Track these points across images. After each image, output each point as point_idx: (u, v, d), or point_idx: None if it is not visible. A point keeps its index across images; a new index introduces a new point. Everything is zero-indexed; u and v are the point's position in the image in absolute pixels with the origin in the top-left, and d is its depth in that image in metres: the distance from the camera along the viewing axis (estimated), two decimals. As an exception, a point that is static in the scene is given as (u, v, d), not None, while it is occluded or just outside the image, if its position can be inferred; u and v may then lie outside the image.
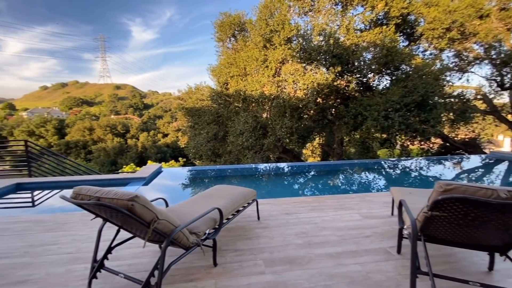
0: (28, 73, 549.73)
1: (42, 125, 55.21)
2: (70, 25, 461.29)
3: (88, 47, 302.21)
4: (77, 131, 51.51)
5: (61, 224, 3.07)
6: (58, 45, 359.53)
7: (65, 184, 5.43)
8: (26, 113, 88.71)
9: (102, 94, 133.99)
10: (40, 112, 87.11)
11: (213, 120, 11.32)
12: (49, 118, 60.40)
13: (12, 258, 2.35)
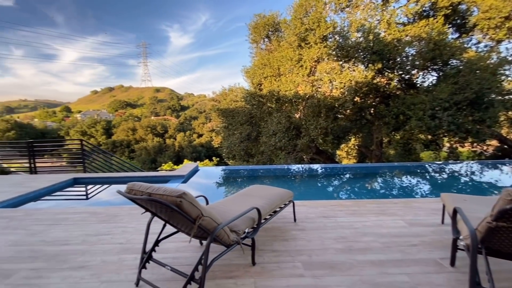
0: (81, 79, 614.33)
1: (93, 126, 61.17)
2: (116, 34, 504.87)
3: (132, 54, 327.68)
4: (122, 131, 56.09)
5: (112, 216, 3.36)
6: (107, 53, 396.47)
7: (114, 180, 5.94)
8: (80, 115, 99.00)
9: (144, 97, 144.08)
10: (91, 114, 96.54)
11: (246, 121, 11.48)
12: (99, 119, 66.69)
13: (72, 245, 2.63)
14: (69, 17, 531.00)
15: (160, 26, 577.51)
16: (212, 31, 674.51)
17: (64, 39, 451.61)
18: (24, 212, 3.64)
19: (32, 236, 2.81)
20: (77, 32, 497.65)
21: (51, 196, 5.08)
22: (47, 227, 3.05)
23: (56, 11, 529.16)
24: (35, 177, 6.05)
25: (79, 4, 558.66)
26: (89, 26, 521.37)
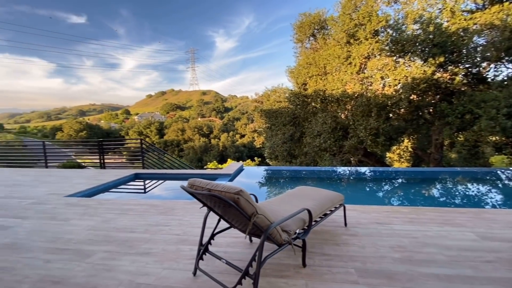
0: (138, 85, 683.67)
1: (148, 127, 67.38)
2: (169, 42, 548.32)
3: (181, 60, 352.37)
4: (172, 132, 60.65)
5: (170, 209, 3.65)
6: (160, 60, 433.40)
7: (169, 176, 6.45)
8: (137, 117, 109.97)
9: (192, 100, 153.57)
10: (146, 116, 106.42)
11: (289, 121, 11.40)
12: (153, 121, 73.19)
13: (136, 233, 2.93)
14: (129, 30, 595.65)
15: (207, 32, 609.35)
16: (255, 33, 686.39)
17: (125, 49, 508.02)
18: (97, 201, 4.19)
19: (105, 223, 3.22)
20: (136, 42, 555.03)
21: (117, 188, 5.75)
22: (116, 216, 3.46)
23: (119, 24, 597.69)
24: (104, 172, 6.91)
25: (138, 17, 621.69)
26: (146, 36, 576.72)
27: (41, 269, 2.21)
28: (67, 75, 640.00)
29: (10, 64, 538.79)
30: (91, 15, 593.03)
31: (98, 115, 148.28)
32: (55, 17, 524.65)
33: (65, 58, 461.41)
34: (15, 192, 4.81)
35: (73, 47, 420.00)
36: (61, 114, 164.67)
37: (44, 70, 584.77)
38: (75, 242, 2.69)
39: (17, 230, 3.05)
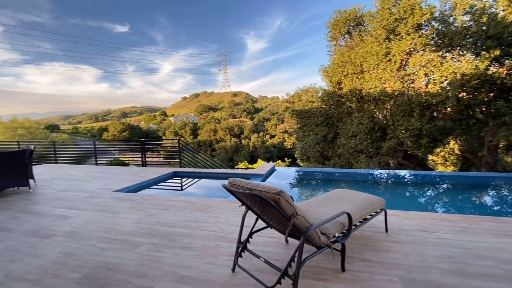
0: (174, 88, 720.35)
1: (183, 128, 70.68)
2: (202, 46, 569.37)
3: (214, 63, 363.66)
4: (205, 132, 62.85)
5: (207, 207, 3.81)
6: (194, 64, 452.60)
7: (205, 175, 6.71)
8: (173, 118, 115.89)
9: (223, 101, 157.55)
10: (181, 117, 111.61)
11: (322, 122, 11.13)
12: (187, 122, 76.58)
13: (178, 228, 3.11)
14: (166, 36, 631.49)
15: (239, 35, 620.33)
16: (286, 33, 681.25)
17: (162, 55, 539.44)
18: (141, 197, 4.52)
19: (150, 217, 3.46)
20: (172, 47, 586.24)
21: (158, 185, 6.13)
22: (159, 211, 3.70)
23: (157, 31, 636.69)
24: (146, 169, 7.42)
25: (174, 23, 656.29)
26: (182, 41, 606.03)
27: (97, 256, 2.46)
28: (112, 80, 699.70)
29: (65, 71, 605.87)
30: (133, 23, 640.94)
31: (138, 117, 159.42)
32: (103, 28, 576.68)
33: (110, 65, 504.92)
34: (73, 186, 5.39)
35: (117, 54, 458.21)
36: (107, 116, 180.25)
37: (92, 76, 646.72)
38: (125, 234, 2.94)
39: (76, 220, 3.42)
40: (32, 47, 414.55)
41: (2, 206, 4.13)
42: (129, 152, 22.76)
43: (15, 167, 4.76)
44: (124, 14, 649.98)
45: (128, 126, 74.34)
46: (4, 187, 4.67)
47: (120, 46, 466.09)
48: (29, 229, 3.16)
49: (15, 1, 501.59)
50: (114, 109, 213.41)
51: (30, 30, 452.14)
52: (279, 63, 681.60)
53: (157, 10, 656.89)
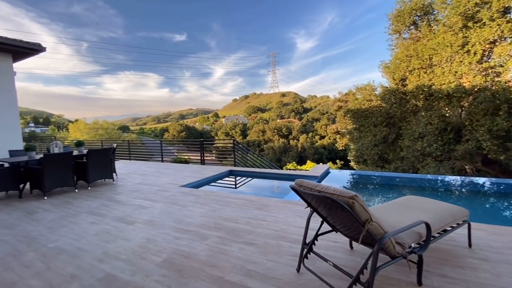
0: (225, 90, 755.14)
1: (233, 128, 73.56)
2: (252, 49, 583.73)
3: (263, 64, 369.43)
4: (254, 133, 64.24)
5: (265, 206, 3.91)
6: (244, 67, 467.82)
7: (259, 174, 6.88)
8: (224, 120, 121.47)
9: (272, 102, 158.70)
10: (232, 118, 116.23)
11: (382, 122, 10.31)
12: (237, 123, 79.42)
13: (240, 224, 3.26)
14: (219, 41, 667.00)
15: (288, 35, 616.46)
16: (337, 29, 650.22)
17: (215, 60, 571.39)
18: (204, 192, 4.88)
19: (213, 212, 3.71)
20: (225, 52, 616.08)
21: (216, 182, 6.52)
22: (221, 207, 3.94)
23: (211, 38, 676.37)
24: (205, 167, 7.97)
25: (226, 29, 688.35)
26: (232, 45, 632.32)
27: (173, 244, 2.75)
28: (172, 85, 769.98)
29: (133, 79, 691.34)
30: (190, 32, 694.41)
31: (194, 118, 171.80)
32: (164, 38, 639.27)
33: (170, 71, 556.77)
34: (146, 180, 6.12)
35: (176, 61, 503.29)
36: (167, 118, 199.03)
37: (155, 82, 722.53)
38: (194, 226, 3.22)
39: (152, 211, 3.88)
40: (109, 59, 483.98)
41: (95, 195, 4.93)
42: (186, 151, 24.74)
43: (104, 162, 5.63)
44: (182, 24, 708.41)
45: (185, 127, 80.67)
46: (96, 179, 5.56)
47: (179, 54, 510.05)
48: (117, 216, 3.70)
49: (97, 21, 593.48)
50: (173, 112, 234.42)
51: (107, 45, 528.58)
52: (330, 60, 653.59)
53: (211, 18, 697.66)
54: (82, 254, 2.58)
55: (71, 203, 4.40)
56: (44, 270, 2.30)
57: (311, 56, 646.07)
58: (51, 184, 4.79)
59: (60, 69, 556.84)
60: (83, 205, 4.28)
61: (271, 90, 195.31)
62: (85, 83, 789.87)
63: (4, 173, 4.71)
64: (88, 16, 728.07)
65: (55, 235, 3.07)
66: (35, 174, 4.79)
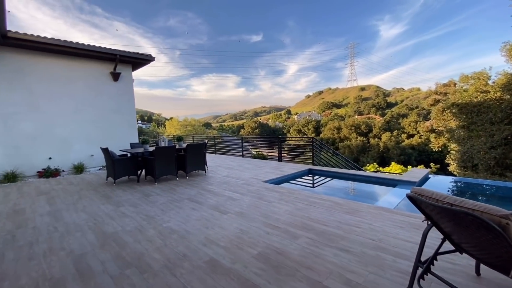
0: (298, 87, 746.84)
1: (306, 125, 72.18)
2: (328, 42, 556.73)
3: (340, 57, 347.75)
4: (328, 130, 61.41)
5: (355, 211, 3.63)
6: (319, 61, 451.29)
7: (339, 175, 6.49)
8: (296, 116, 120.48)
9: (348, 97, 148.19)
10: (304, 115, 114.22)
11: (503, 118, 8.18)
12: (310, 120, 77.52)
13: (329, 227, 3.11)
14: (294, 38, 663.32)
15: (369, 23, 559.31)
16: (433, 9, 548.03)
17: (289, 56, 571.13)
18: (286, 190, 4.90)
19: (299, 211, 3.67)
20: (299, 48, 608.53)
21: (296, 180, 6.49)
22: (306, 206, 3.87)
23: (286, 35, 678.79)
24: (283, 164, 8.04)
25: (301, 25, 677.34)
26: (307, 40, 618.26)
27: (265, 238, 2.84)
28: (248, 85, 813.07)
29: (215, 80, 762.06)
30: (266, 31, 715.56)
31: (267, 116, 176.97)
32: (242, 40, 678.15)
33: (247, 71, 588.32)
34: (232, 174, 6.60)
35: (252, 61, 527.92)
36: (243, 116, 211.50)
37: (234, 82, 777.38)
38: (282, 223, 3.26)
39: (241, 203, 4.14)
40: (195, 64, 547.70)
41: (192, 183, 5.61)
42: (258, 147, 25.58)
43: (199, 156, 6.35)
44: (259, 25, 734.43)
45: (259, 124, 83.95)
46: (192, 170, 6.34)
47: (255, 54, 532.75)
48: (211, 204, 4.10)
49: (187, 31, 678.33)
50: (248, 110, 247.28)
51: (195, 51, 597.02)
52: (422, 47, 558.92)
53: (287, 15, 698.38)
54: (189, 236, 2.94)
55: (174, 190, 5.14)
56: (162, 246, 2.72)
57: (398, 43, 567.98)
58: (160, 172, 5.71)
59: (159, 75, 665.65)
60: (184, 192, 4.92)
61: (348, 84, 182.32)
62: (177, 86, 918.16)
63: (127, 162, 5.88)
64: (180, 27, 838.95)
65: (167, 216, 3.62)
66: (149, 163, 5.80)
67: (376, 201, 4.66)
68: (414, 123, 58.47)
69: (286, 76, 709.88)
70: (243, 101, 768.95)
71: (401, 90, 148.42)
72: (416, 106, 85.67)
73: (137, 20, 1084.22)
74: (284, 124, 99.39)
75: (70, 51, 7.32)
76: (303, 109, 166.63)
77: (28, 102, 7.04)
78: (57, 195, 5.04)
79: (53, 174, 7.02)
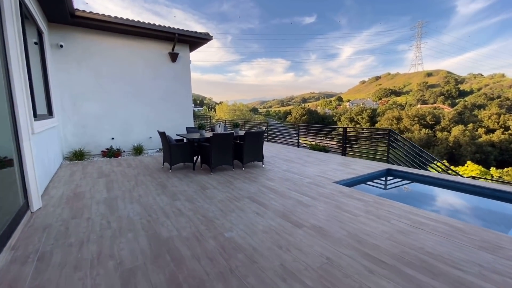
0: (352, 71, 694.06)
1: (359, 114, 66.77)
2: (391, 21, 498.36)
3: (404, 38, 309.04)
4: (385, 120, 55.66)
5: (494, 246, 2.45)
6: (378, 43, 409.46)
7: (433, 181, 5.13)
8: (348, 104, 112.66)
9: (411, 83, 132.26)
10: (357, 102, 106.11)
11: None
12: (365, 108, 71.42)
13: (468, 274, 2.08)
14: (350, 18, 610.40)
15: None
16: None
17: (344, 38, 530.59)
18: (372, 198, 3.83)
19: (405, 236, 2.65)
20: (356, 29, 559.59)
21: (373, 182, 5.34)
22: (411, 228, 2.82)
23: (341, 15, 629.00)
24: (352, 160, 6.87)
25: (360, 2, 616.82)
26: (366, 20, 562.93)
27: (369, 281, 1.95)
28: (297, 69, 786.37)
29: (264, 65, 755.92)
30: (320, 12, 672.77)
31: (315, 102, 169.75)
32: (294, 22, 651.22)
33: (297, 55, 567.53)
34: (292, 168, 5.77)
35: (303, 45, 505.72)
36: (290, 101, 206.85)
37: (282, 67, 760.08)
38: (384, 254, 2.31)
39: (315, 211, 3.29)
40: (246, 48, 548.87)
41: (250, 177, 4.95)
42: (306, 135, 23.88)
43: (256, 145, 5.66)
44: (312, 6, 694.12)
45: (307, 110, 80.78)
46: (249, 160, 5.69)
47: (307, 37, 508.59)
48: (278, 210, 3.34)
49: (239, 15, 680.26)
50: (296, 95, 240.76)
51: (245, 35, 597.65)
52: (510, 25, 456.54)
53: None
54: (259, 260, 2.23)
55: (232, 183, 4.54)
56: (227, 273, 2.05)
57: (478, 21, 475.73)
58: (216, 161, 5.19)
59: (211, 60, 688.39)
60: (243, 188, 4.28)
61: (411, 69, 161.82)
62: (227, 71, 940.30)
63: (184, 148, 5.49)
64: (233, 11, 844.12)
65: (227, 221, 2.99)
66: (205, 151, 5.31)
67: (509, 230, 3.34)
68: (496, 115, 49.25)
69: (339, 60, 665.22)
70: (291, 86, 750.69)
71: (479, 77, 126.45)
72: (498, 95, 72.04)
73: (193, 7, 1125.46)
74: (334, 111, 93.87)
75: (131, 30, 7.17)
76: (357, 96, 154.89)
77: (94, 83, 7.18)
78: (116, 178, 4.90)
79: (115, 154, 7.15)
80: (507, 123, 45.41)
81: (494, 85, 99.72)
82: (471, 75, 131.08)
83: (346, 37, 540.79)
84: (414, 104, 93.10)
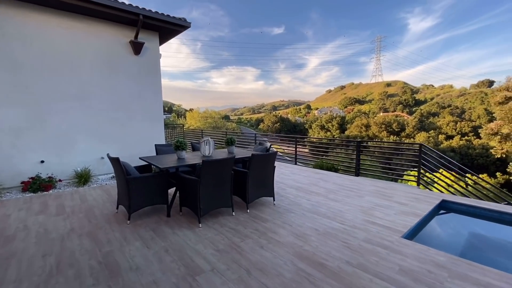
0: (319, 81, 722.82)
1: (329, 121, 68.23)
2: (353, 35, 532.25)
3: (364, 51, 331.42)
4: (355, 127, 57.33)
5: None
6: (342, 55, 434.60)
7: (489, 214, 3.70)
8: (317, 112, 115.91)
9: (373, 93, 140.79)
10: (325, 110, 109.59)
11: None
12: (335, 115, 73.37)
13: None
14: (316, 30, 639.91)
15: (398, 15, 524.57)
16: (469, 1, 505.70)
17: (311, 50, 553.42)
18: (485, 278, 2.21)
19: None
20: (321, 41, 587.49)
21: (437, 225, 3.76)
22: None
23: (308, 27, 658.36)
24: (382, 186, 5.30)
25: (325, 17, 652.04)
26: (330, 34, 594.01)
27: None
28: (267, 78, 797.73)
29: (235, 73, 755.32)
30: (288, 24, 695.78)
31: (285, 110, 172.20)
32: (264, 32, 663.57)
33: (267, 64, 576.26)
34: (318, 206, 3.97)
35: (272, 54, 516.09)
36: (261, 109, 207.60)
37: (253, 75, 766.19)
38: None
39: None
40: (216, 56, 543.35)
41: (263, 230, 3.03)
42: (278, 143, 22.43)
43: (265, 173, 3.79)
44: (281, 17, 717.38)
45: (280, 118, 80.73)
46: (256, 197, 3.78)
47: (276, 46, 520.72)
48: None
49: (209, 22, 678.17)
50: (266, 103, 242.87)
51: (215, 43, 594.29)
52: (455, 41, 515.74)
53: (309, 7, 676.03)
54: None
55: (239, 248, 2.61)
56: None
57: (428, 37, 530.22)
58: (208, 203, 3.21)
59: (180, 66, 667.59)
60: (257, 260, 2.37)
61: (372, 80, 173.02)
62: (197, 78, 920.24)
63: (151, 182, 3.41)
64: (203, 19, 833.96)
65: None
66: (188, 186, 3.30)
67: None
68: (453, 123, 53.36)
69: (307, 70, 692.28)
70: (261, 94, 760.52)
71: (431, 87, 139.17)
72: (449, 104, 79.75)
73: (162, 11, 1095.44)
74: (305, 119, 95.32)
75: (74, 4, 4.93)
76: (324, 104, 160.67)
77: (9, 79, 4.76)
78: (21, 250, 2.67)
79: (44, 186, 4.75)
80: (463, 129, 49.33)
81: (444, 95, 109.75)
82: (424, 86, 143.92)
83: (312, 48, 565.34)
84: (377, 112, 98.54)
